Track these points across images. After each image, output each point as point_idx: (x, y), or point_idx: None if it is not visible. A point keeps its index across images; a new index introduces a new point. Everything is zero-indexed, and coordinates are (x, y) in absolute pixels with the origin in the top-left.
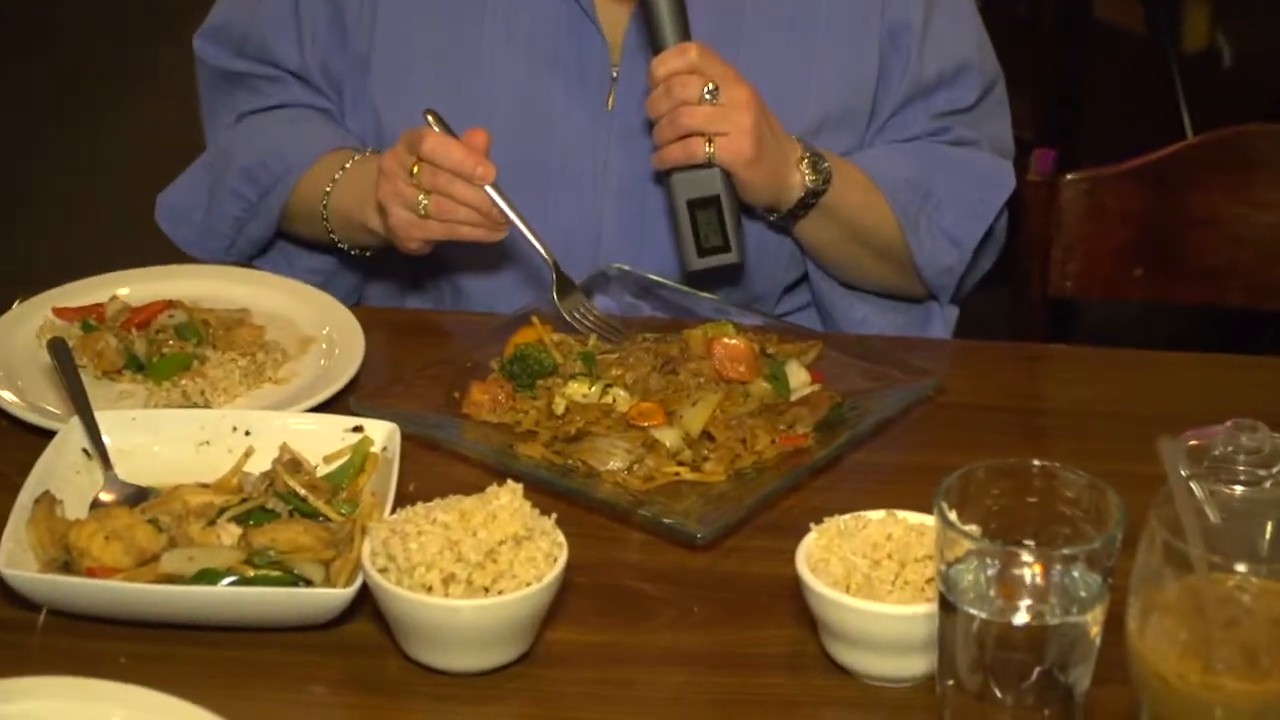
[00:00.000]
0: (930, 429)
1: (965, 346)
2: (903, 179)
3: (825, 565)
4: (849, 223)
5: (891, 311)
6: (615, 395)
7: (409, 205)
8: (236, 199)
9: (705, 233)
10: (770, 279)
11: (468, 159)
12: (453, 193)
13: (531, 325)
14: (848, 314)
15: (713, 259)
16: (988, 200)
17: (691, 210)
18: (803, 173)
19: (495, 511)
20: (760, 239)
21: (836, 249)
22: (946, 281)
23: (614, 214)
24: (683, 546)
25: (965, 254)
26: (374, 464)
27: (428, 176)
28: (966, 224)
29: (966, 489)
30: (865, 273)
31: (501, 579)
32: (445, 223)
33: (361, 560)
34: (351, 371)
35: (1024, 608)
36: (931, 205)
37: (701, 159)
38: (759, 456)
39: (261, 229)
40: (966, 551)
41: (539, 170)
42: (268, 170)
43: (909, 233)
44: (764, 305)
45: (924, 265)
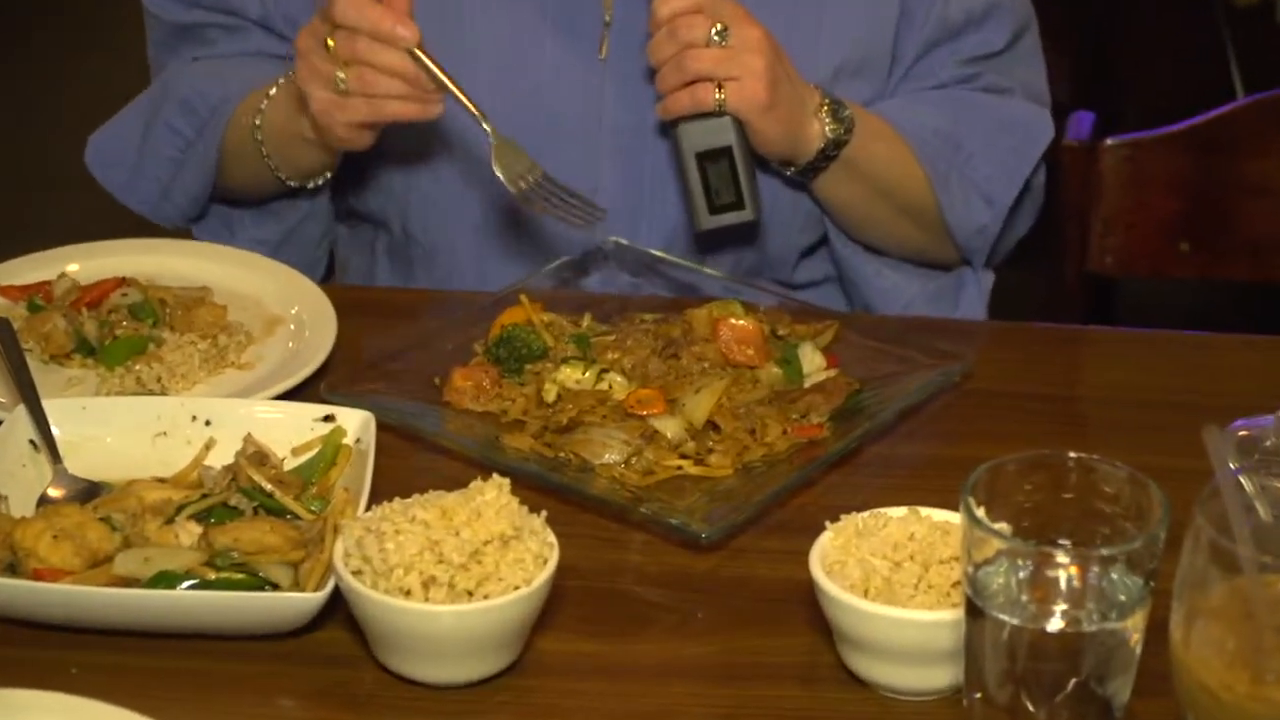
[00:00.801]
0: (957, 418)
1: (996, 328)
2: (930, 130)
3: (842, 567)
4: (873, 178)
5: (921, 278)
6: (611, 381)
7: (328, 83)
8: (172, 135)
9: (717, 188)
10: (785, 241)
11: (385, 18)
12: (373, 60)
13: (519, 305)
14: (874, 282)
15: (726, 217)
16: (1024, 152)
17: (701, 163)
18: (822, 121)
19: (480, 509)
20: (774, 196)
21: (859, 207)
22: (980, 243)
23: (611, 173)
24: (685, 547)
25: (1000, 212)
26: (347, 457)
27: (344, 45)
28: (1001, 178)
29: (996, 483)
30: (891, 234)
31: (487, 582)
32: (369, 98)
33: (333, 562)
34: (322, 355)
35: (1059, 613)
36: (962, 158)
37: (711, 106)
38: (769, 449)
39: (197, 176)
40: (996, 552)
41: (526, 127)
42: (204, 100)
43: (938, 188)
44: (779, 271)
45: (955, 225)
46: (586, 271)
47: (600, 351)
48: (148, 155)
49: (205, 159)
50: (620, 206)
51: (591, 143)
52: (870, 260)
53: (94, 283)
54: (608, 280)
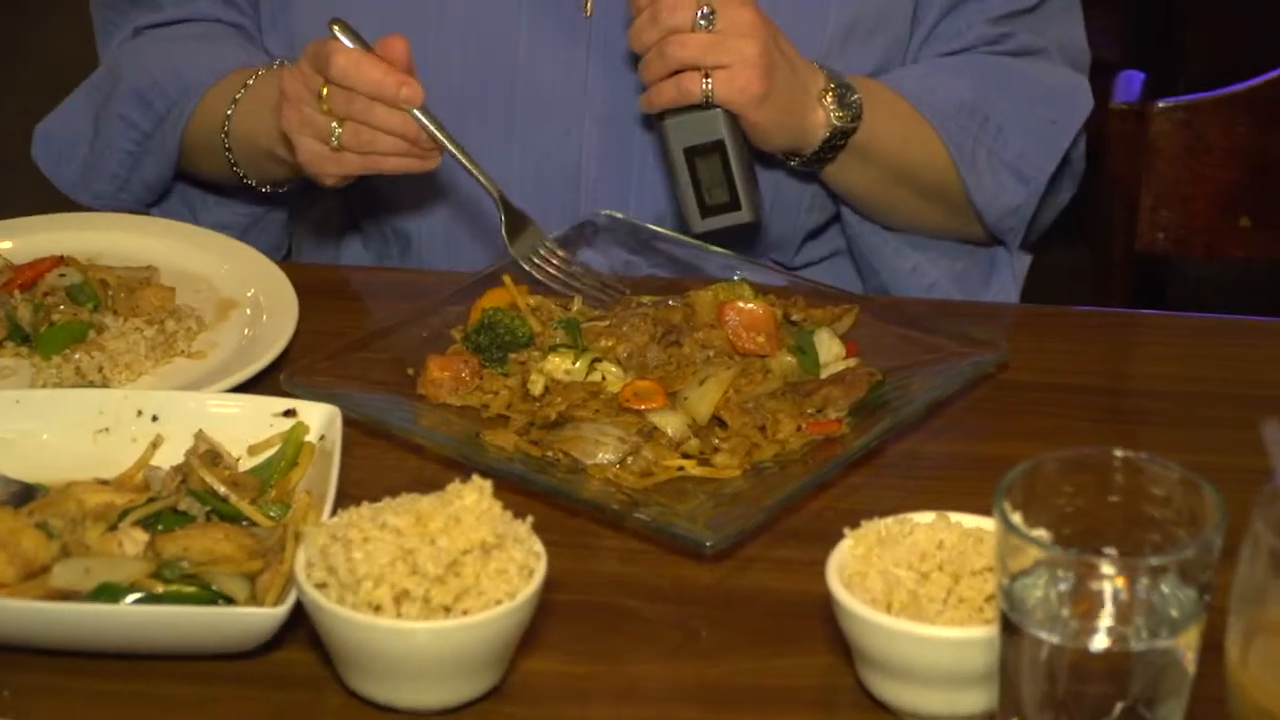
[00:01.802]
0: (991, 412)
1: (1034, 312)
2: (954, 102)
3: (862, 580)
4: (888, 163)
5: (948, 258)
6: (605, 372)
7: (319, 136)
8: (126, 128)
9: (709, 187)
10: (789, 226)
11: (388, 79)
12: (371, 120)
13: (503, 286)
14: (893, 263)
15: (720, 219)
16: (1061, 124)
17: (690, 160)
18: (827, 108)
19: (458, 514)
20: (776, 183)
21: (874, 194)
22: (1013, 224)
23: (597, 147)
24: (688, 558)
25: (1035, 191)
26: (310, 456)
27: (340, 102)
28: (1035, 155)
29: (1034, 486)
30: (912, 218)
31: (466, 596)
32: (365, 155)
33: (295, 574)
34: (282, 343)
35: (1103, 630)
36: (991, 133)
37: (698, 98)
38: (781, 447)
39: (158, 167)
40: (1034, 562)
41: (502, 95)
42: (161, 93)
43: (964, 168)
44: (780, 255)
45: (984, 206)
46: (576, 248)
47: (592, 338)
48: (101, 150)
49: (164, 152)
50: (606, 185)
51: (575, 113)
52: (888, 239)
53: (28, 262)
54: (600, 258)
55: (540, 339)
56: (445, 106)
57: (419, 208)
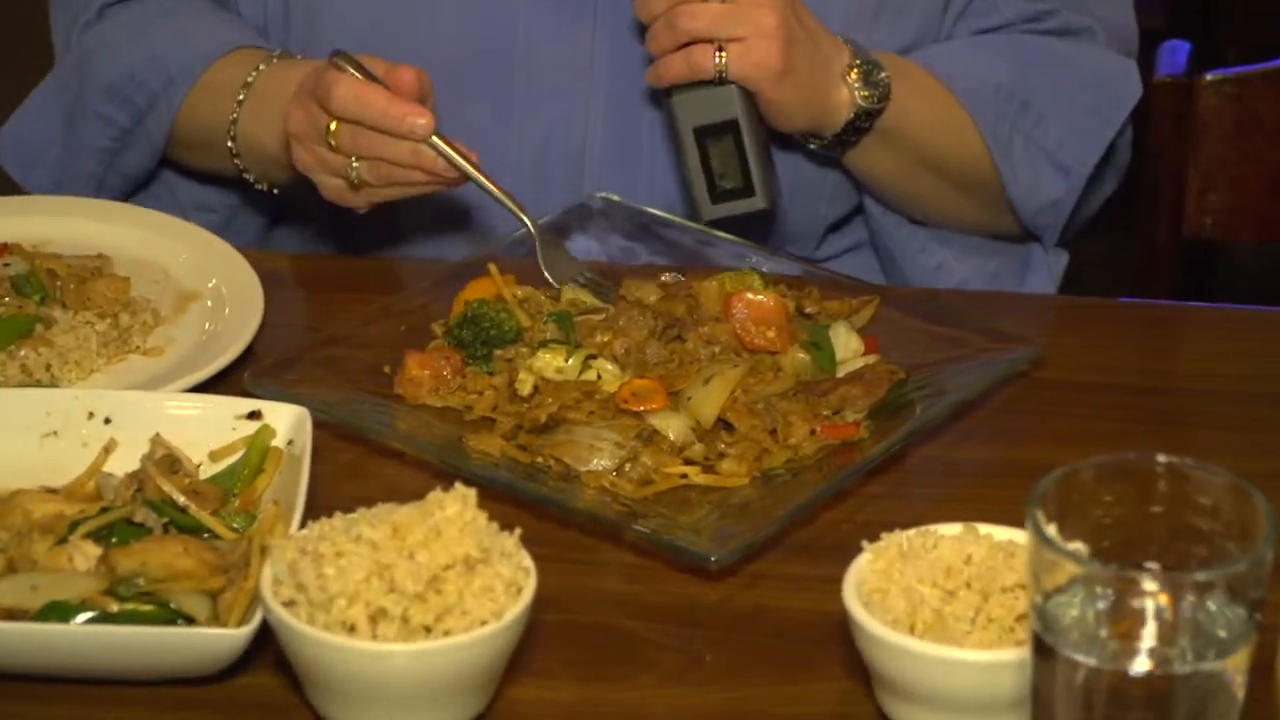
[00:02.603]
0: (1023, 414)
1: (1071, 305)
2: (991, 85)
3: (883, 598)
4: (916, 148)
5: (978, 256)
6: (600, 370)
7: (337, 173)
8: (103, 126)
9: (720, 171)
10: (809, 216)
11: (392, 109)
12: (383, 154)
13: (488, 275)
14: (918, 259)
15: (732, 205)
16: (1105, 113)
17: (701, 141)
18: (851, 87)
19: (439, 526)
20: (795, 168)
21: (901, 182)
22: (1050, 219)
23: (603, 127)
24: (691, 574)
25: (1076, 185)
26: (277, 462)
27: (347, 139)
28: (1077, 145)
29: (1070, 494)
30: (941, 209)
31: (448, 616)
32: (388, 187)
33: (261, 591)
34: (246, 338)
35: (1145, 652)
36: (1030, 120)
37: (710, 74)
38: (794, 452)
39: (140, 159)
40: (1070, 578)
41: (500, 68)
42: (140, 86)
43: (999, 157)
44: (801, 247)
45: (1020, 199)
46: (569, 235)
47: (587, 333)
48: (76, 151)
49: (148, 146)
50: (613, 169)
51: (579, 91)
52: (915, 234)
53: None
54: (595, 245)
55: (529, 334)
56: (437, 80)
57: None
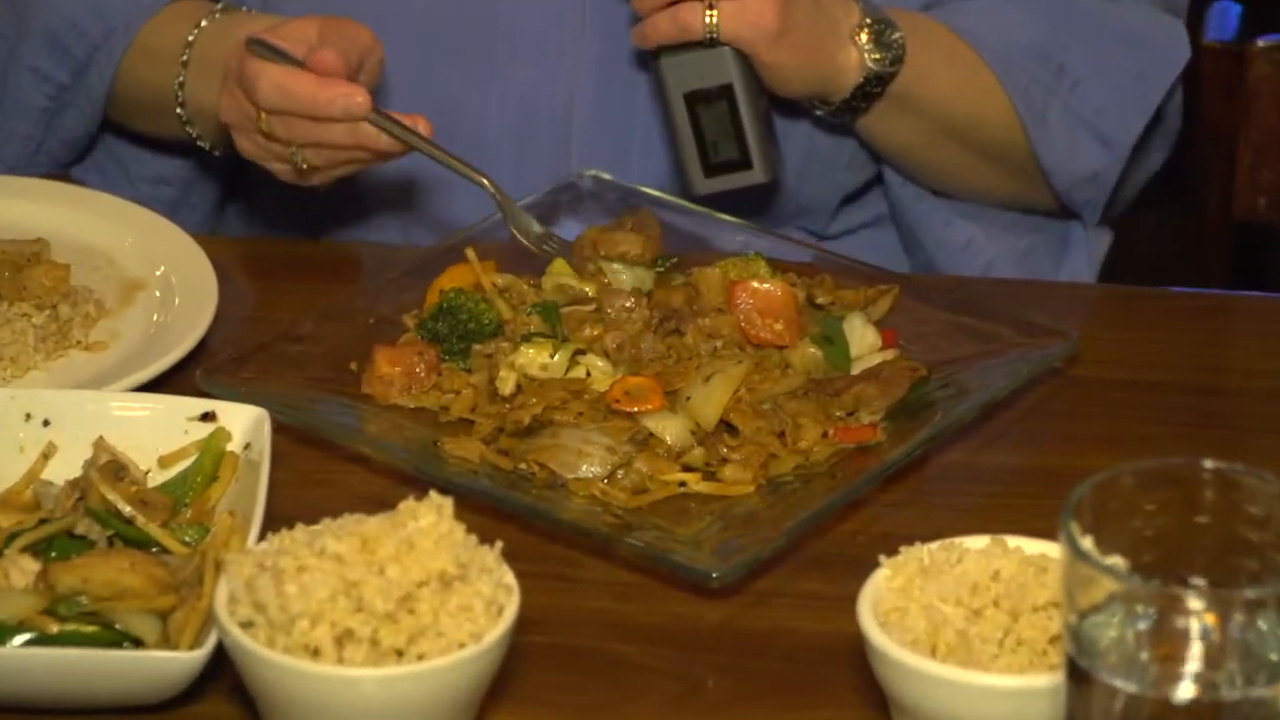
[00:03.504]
0: (1057, 415)
1: (1110, 294)
2: (1022, 45)
3: (901, 618)
4: (936, 115)
5: (1010, 234)
6: (590, 366)
7: (282, 160)
8: (39, 82)
9: (714, 140)
10: (824, 186)
11: (321, 95)
12: (321, 140)
13: (465, 262)
14: (942, 235)
15: (727, 179)
16: (1150, 77)
17: (692, 108)
18: (861, 48)
19: (412, 539)
20: (807, 135)
21: (921, 151)
22: (1091, 195)
23: (593, 92)
24: (691, 592)
25: (1119, 156)
26: (232, 468)
27: (281, 130)
28: (1119, 112)
29: (1108, 503)
30: (967, 181)
31: (422, 638)
32: (340, 166)
33: (215, 611)
34: (199, 331)
35: (1190, 676)
36: (1066, 84)
37: (700, 35)
38: (804, 458)
39: (80, 121)
40: (1108, 595)
41: (483, 34)
42: (80, 36)
43: (1032, 126)
44: (813, 220)
45: (1055, 171)
46: (556, 216)
47: (575, 326)
48: (9, 110)
49: (89, 104)
50: (603, 139)
51: (566, 52)
52: (937, 207)
53: None
54: (584, 228)
55: (511, 326)
56: (408, 41)
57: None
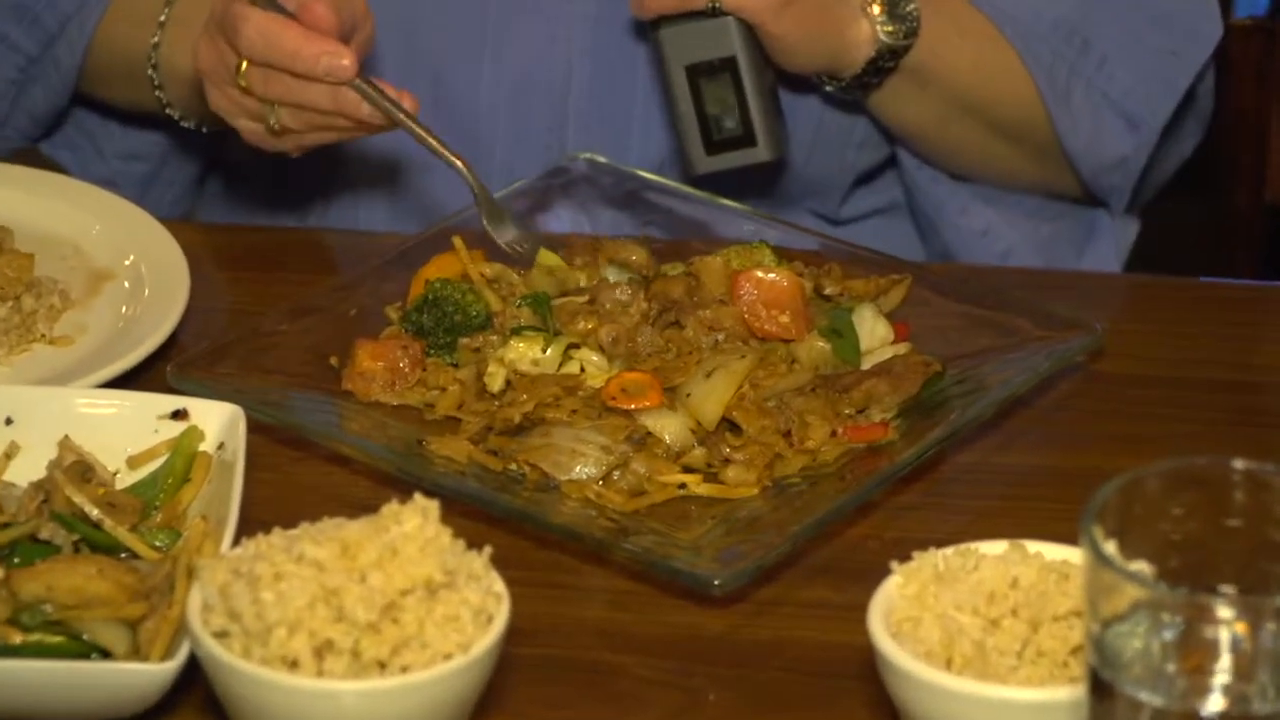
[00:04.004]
0: (1080, 413)
1: (1136, 284)
2: (1046, 20)
3: (915, 628)
4: (953, 92)
5: (1031, 220)
6: (584, 361)
7: (254, 118)
8: (6, 52)
9: (716, 115)
10: (834, 166)
11: (306, 49)
12: (300, 100)
13: (452, 251)
14: (959, 222)
15: (730, 157)
16: (1181, 55)
17: (694, 82)
18: (873, 20)
19: (396, 544)
20: (818, 112)
21: (936, 131)
22: (1118, 180)
23: (591, 63)
24: (691, 600)
25: (1147, 140)
26: (206, 469)
27: (259, 83)
28: (1148, 93)
29: (1133, 506)
30: (986, 163)
31: (406, 649)
32: (315, 132)
33: (188, 620)
34: (170, 324)
35: (1219, 689)
36: (1092, 62)
37: (702, 3)
38: (811, 458)
39: (49, 95)
40: (1133, 603)
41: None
42: (50, 5)
43: (1055, 105)
44: (822, 203)
45: (1080, 155)
46: (549, 203)
47: (567, 318)
48: None
49: (59, 77)
50: (602, 113)
51: (562, 19)
52: (955, 190)
53: None
54: (578, 215)
55: (500, 319)
56: (398, 9)
57: (346, 148)
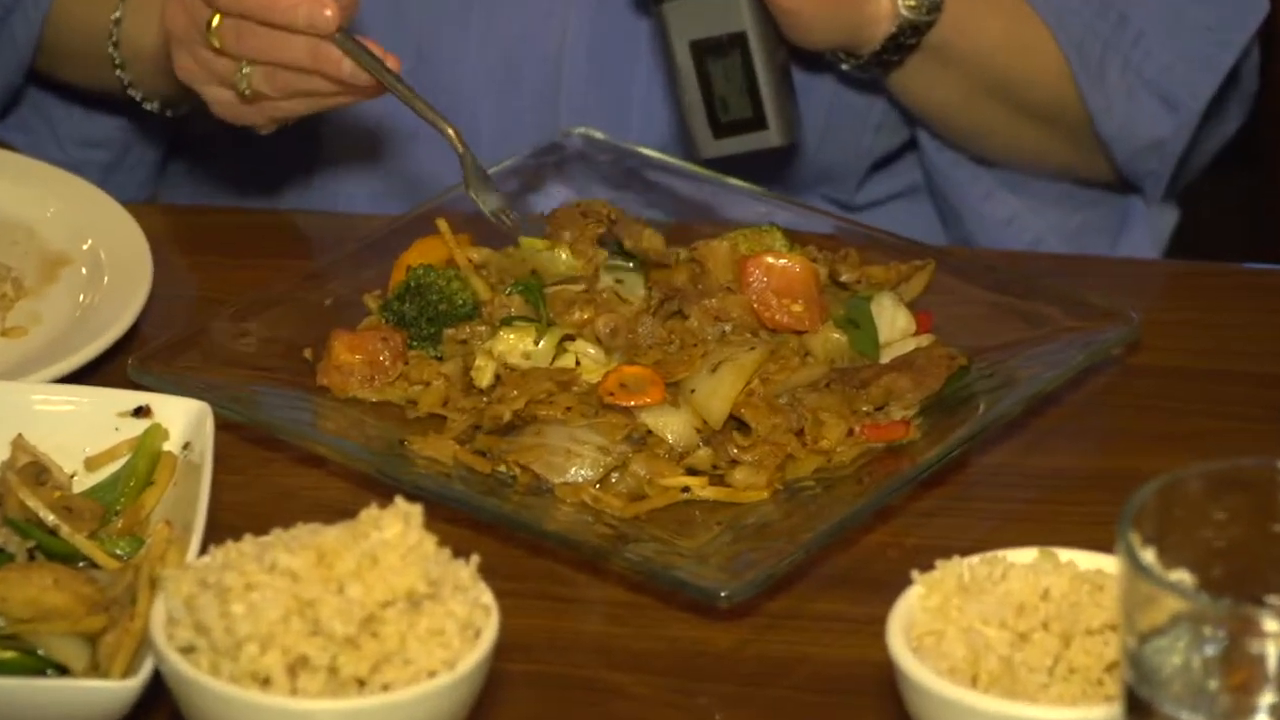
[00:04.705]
0: (1115, 410)
1: (1176, 271)
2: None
3: (938, 642)
4: (979, 71)
5: (1060, 209)
6: (580, 354)
7: (225, 83)
8: None
9: (724, 95)
10: (849, 150)
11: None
12: (277, 57)
13: (436, 235)
14: (983, 210)
15: (739, 140)
16: (1223, 31)
17: (701, 59)
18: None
19: (376, 552)
20: (831, 94)
21: (961, 113)
22: (1155, 165)
23: (588, 36)
24: (696, 613)
25: (1188, 121)
26: (170, 471)
27: (232, 38)
28: (1188, 72)
29: (1173, 511)
30: (1013, 147)
31: (387, 666)
32: (290, 99)
33: (151, 634)
34: (131, 314)
35: (1265, 709)
36: (1128, 38)
37: None
38: (826, 459)
39: (4, 71)
40: (1172, 616)
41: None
42: None
43: (1087, 84)
44: (837, 188)
45: (1114, 138)
46: (541, 182)
47: (562, 308)
48: None
49: (14, 54)
50: (599, 91)
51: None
52: (979, 176)
53: None
54: (573, 195)
55: (488, 308)
56: None
57: (324, 119)
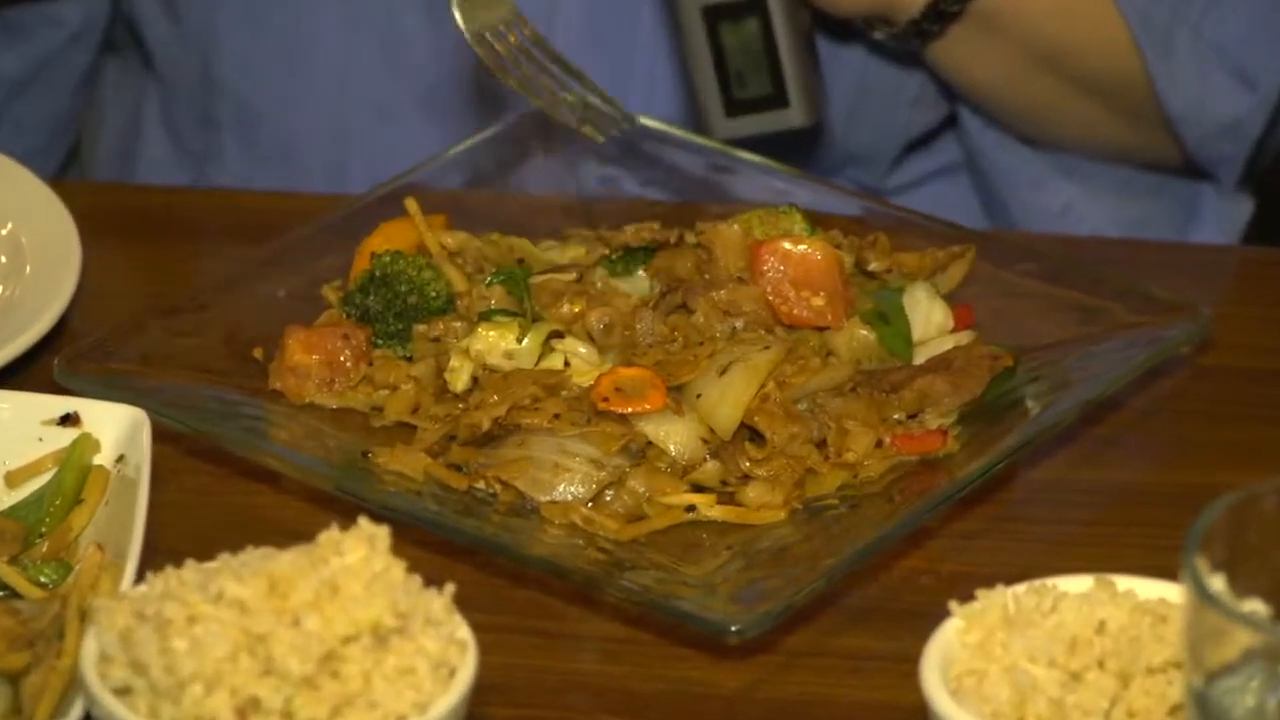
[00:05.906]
0: (1182, 417)
1: (1251, 259)
2: None
3: (979, 683)
4: (1028, 41)
5: (1120, 196)
6: (570, 354)
7: None
8: None
9: (740, 70)
10: (879, 130)
11: None
12: None
13: (405, 217)
14: (1033, 198)
15: (756, 119)
16: None
17: (714, 28)
18: None
19: (336, 580)
20: (861, 67)
21: (1007, 87)
22: (1228, 148)
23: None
24: (703, 650)
25: (1265, 99)
26: (101, 487)
27: None
28: (1266, 42)
29: (1245, 533)
30: (1065, 126)
31: (349, 709)
32: None
33: (82, 673)
34: (57, 308)
35: None
36: (1198, 6)
37: None
38: (852, 474)
39: None
40: (1244, 651)
41: None
42: None
43: (1153, 58)
44: (867, 173)
45: (1182, 117)
46: (527, 157)
47: (549, 300)
48: None
49: None
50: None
51: None
52: (1028, 158)
53: None
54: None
55: (465, 301)
56: None
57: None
